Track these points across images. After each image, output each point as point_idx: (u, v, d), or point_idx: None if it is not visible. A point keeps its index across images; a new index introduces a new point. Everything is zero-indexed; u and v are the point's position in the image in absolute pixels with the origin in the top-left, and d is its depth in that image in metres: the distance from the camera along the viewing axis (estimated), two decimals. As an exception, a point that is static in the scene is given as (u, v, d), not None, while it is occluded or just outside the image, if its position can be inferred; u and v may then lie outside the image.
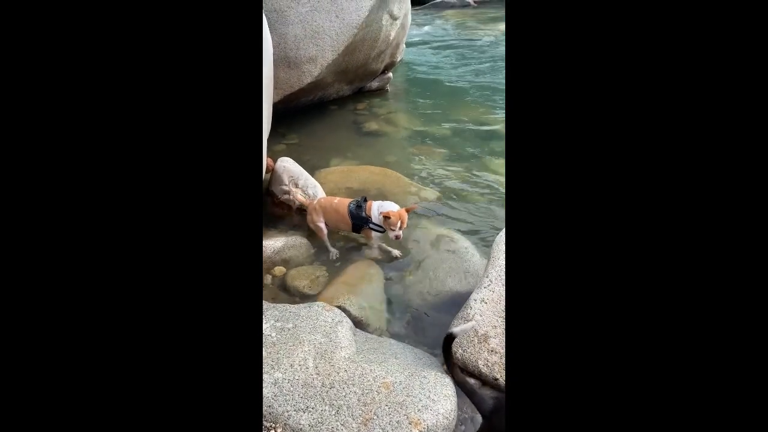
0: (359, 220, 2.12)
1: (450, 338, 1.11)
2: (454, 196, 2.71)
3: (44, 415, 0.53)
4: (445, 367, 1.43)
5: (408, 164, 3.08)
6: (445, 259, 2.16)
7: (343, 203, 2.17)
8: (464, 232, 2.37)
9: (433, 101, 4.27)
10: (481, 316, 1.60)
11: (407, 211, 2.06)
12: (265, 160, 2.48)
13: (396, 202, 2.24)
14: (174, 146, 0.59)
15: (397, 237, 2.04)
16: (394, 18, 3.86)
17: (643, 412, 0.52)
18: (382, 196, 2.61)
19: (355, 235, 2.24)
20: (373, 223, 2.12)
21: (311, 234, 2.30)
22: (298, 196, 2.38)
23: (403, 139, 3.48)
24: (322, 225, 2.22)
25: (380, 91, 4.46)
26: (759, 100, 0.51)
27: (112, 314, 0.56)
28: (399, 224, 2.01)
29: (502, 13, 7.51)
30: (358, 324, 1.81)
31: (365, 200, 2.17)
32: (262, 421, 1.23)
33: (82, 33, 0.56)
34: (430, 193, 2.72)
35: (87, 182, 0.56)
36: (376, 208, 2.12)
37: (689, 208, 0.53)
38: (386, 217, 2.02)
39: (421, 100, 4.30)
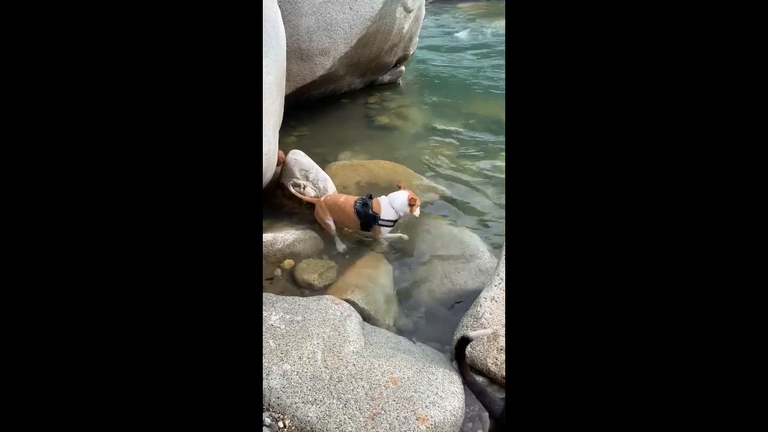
0: (368, 218, 2.12)
1: (465, 341, 1.10)
2: (465, 193, 2.69)
3: (44, 408, 0.53)
4: (455, 367, 1.43)
5: (418, 159, 3.06)
6: (455, 255, 2.15)
7: (348, 202, 2.16)
8: (475, 229, 2.36)
9: (445, 95, 4.23)
10: (491, 314, 1.59)
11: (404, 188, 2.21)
12: (277, 153, 2.49)
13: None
14: (174, 140, 0.60)
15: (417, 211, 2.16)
16: (407, 10, 3.82)
17: (642, 411, 0.53)
18: (391, 192, 2.60)
19: (361, 232, 2.25)
20: (383, 219, 2.13)
21: (321, 227, 2.31)
22: (306, 194, 2.38)
23: (413, 134, 3.46)
24: (331, 222, 2.24)
25: (392, 85, 4.43)
26: (759, 100, 0.52)
27: (113, 305, 0.57)
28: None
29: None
30: (367, 318, 1.82)
31: (370, 197, 2.18)
32: (262, 414, 1.23)
33: (79, 25, 0.56)
34: (441, 189, 2.70)
35: (85, 176, 0.57)
36: (387, 203, 2.14)
37: (689, 206, 0.54)
38: (415, 200, 2.12)
39: (433, 94, 4.27)
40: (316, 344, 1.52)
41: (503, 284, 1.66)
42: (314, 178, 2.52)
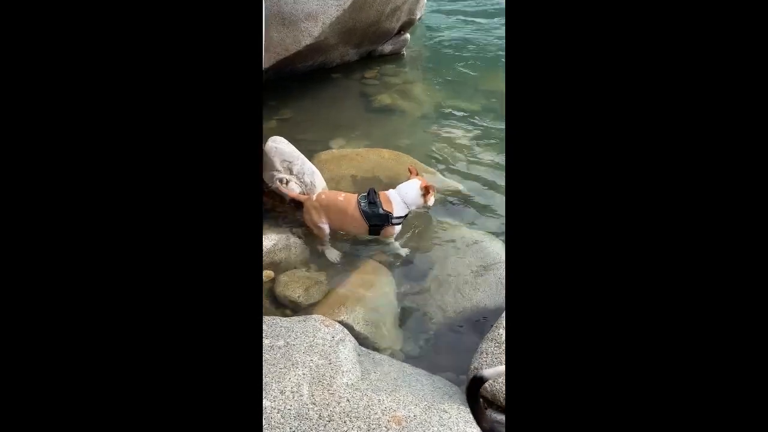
0: (380, 219, 2.11)
1: (478, 381, 1.08)
2: (483, 189, 2.69)
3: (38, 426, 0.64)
4: (470, 412, 1.42)
5: (427, 147, 3.06)
6: (471, 265, 2.15)
7: (350, 201, 2.15)
8: (495, 234, 2.35)
9: (460, 69, 4.23)
10: (516, 338, 1.58)
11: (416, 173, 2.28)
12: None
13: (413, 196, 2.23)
14: (170, 139, 0.70)
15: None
16: (413, -35, 3.82)
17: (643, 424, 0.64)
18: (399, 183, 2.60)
19: (366, 237, 2.23)
20: (396, 217, 2.14)
21: (310, 231, 2.31)
22: (291, 190, 2.36)
23: (421, 117, 3.46)
24: (325, 226, 2.21)
25: (394, 57, 4.43)
26: (759, 100, 0.63)
27: (107, 314, 0.67)
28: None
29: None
30: (364, 344, 1.81)
31: (375, 193, 2.17)
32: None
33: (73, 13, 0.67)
34: (454, 184, 2.70)
35: (76, 177, 0.67)
36: (398, 198, 2.15)
37: (689, 207, 0.65)
38: (428, 189, 2.14)
39: (446, 69, 4.26)
40: (301, 375, 1.51)
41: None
42: (299, 171, 2.51)
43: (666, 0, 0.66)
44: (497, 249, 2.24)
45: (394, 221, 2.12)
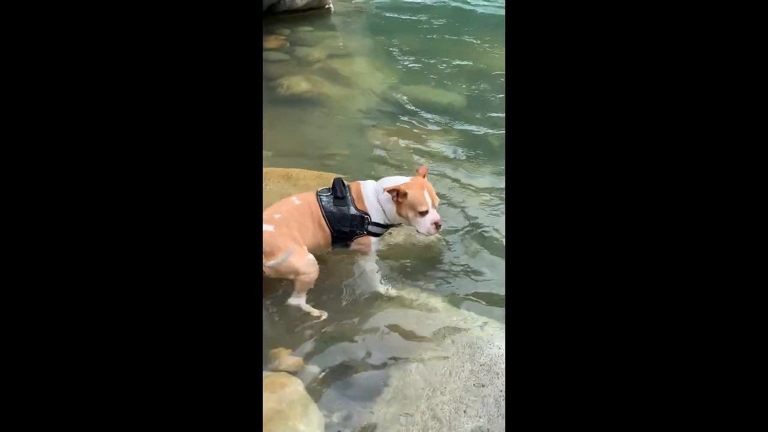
0: (353, 224, 2.24)
1: None
2: (470, 233, 2.68)
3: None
4: None
5: (370, 165, 3.06)
6: (459, 372, 2.06)
7: (310, 201, 2.30)
8: (489, 309, 2.32)
9: (420, 34, 4.35)
10: None
11: (423, 176, 2.39)
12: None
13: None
14: (166, 138, 1.11)
15: (437, 224, 2.29)
16: None
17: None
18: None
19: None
20: (374, 223, 2.25)
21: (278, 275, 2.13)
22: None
23: (362, 111, 3.52)
24: (311, 259, 2.20)
25: (313, 13, 4.54)
26: (759, 100, 0.99)
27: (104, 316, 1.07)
28: (430, 201, 2.25)
29: None
30: None
31: (345, 185, 2.27)
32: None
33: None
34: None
35: (80, 175, 1.08)
36: (373, 192, 2.27)
37: (690, 211, 1.02)
38: (403, 196, 2.21)
39: (400, 33, 4.37)
40: None
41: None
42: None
43: None
44: (494, 337, 2.17)
45: (371, 228, 2.28)
